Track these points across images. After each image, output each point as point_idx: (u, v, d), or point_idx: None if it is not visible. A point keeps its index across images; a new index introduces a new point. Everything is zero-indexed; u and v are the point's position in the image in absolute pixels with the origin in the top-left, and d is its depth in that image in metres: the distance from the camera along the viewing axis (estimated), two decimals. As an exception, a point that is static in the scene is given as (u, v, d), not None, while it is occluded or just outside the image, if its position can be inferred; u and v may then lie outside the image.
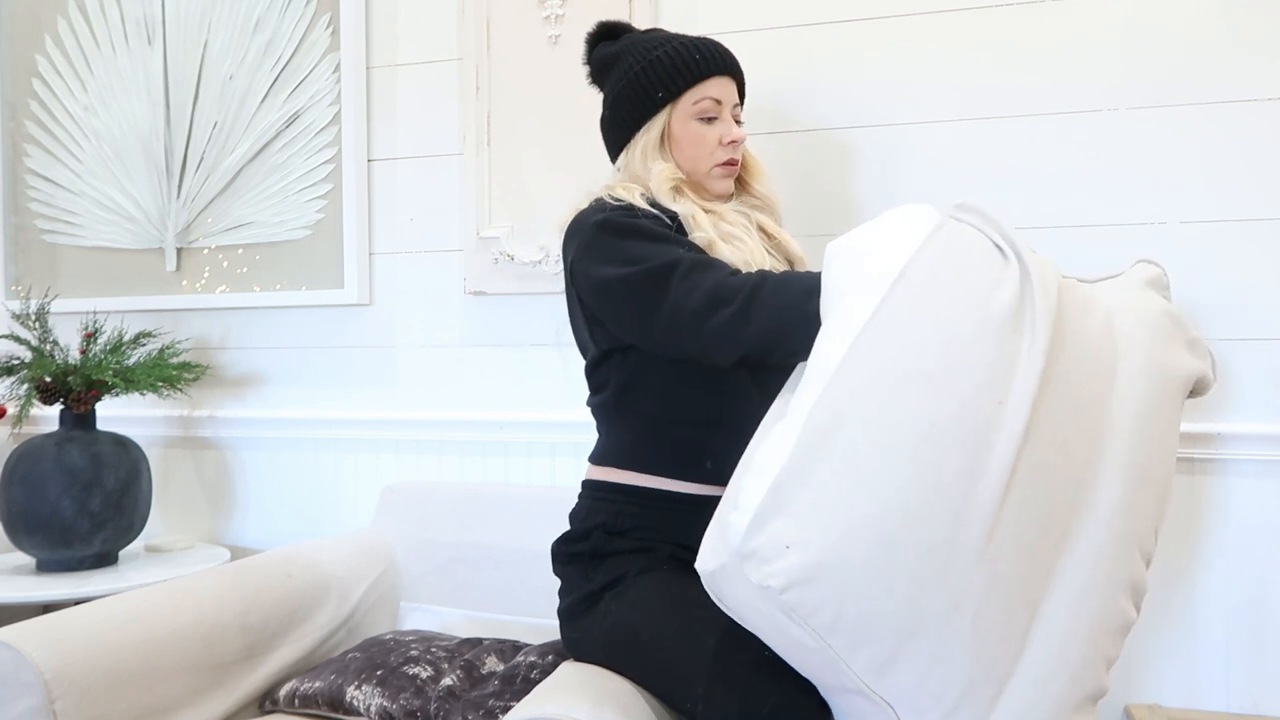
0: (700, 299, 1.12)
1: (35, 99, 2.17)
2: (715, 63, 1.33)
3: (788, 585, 0.89)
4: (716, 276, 1.13)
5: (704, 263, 1.16)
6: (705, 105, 1.32)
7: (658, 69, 1.32)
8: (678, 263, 1.15)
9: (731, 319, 1.09)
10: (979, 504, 0.88)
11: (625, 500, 1.27)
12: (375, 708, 1.35)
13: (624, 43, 1.38)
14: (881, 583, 0.88)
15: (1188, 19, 1.54)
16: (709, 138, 1.33)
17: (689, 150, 1.33)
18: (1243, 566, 1.52)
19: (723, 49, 1.35)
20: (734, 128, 1.35)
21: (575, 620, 1.26)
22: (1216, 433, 1.52)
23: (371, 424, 1.97)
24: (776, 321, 1.07)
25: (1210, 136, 1.53)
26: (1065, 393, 0.93)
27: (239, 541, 2.07)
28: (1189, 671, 1.54)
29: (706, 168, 1.34)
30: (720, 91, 1.33)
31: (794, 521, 0.90)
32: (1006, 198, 1.62)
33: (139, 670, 1.27)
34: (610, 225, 1.22)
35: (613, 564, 1.24)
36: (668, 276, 1.14)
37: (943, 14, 1.64)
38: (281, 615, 1.52)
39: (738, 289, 1.10)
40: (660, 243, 1.20)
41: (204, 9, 2.04)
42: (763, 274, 1.13)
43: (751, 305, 1.09)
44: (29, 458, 1.81)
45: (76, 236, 2.16)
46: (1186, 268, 1.54)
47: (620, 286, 1.19)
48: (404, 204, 1.96)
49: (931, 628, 0.89)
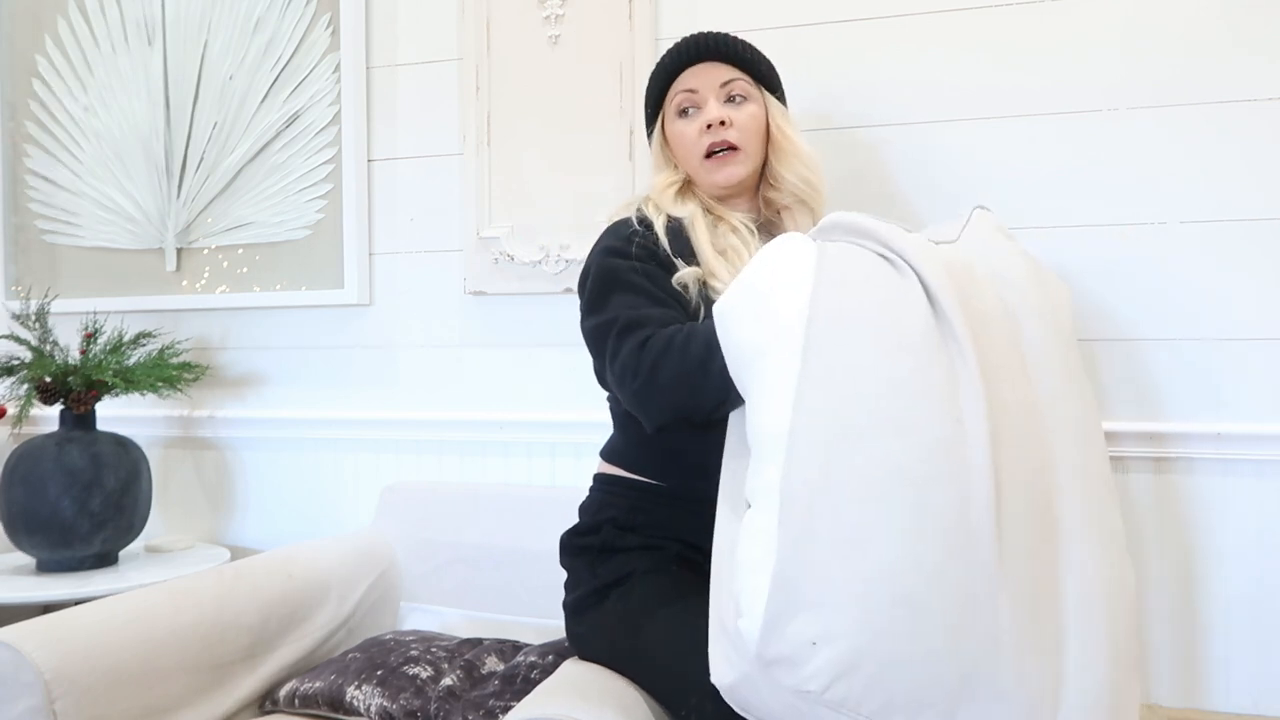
0: (618, 367, 1.12)
1: (35, 99, 2.17)
2: (685, 54, 1.31)
3: (829, 684, 0.85)
4: (631, 345, 1.11)
5: (633, 323, 1.14)
6: (679, 99, 1.32)
7: (653, 75, 1.37)
8: (613, 322, 1.15)
9: (639, 391, 1.10)
10: (979, 527, 0.86)
11: (638, 496, 1.27)
12: (375, 708, 1.35)
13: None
14: (919, 645, 0.85)
15: (1188, 19, 1.54)
16: (690, 130, 1.31)
17: (680, 150, 1.34)
18: (1243, 566, 1.52)
19: (704, 37, 1.32)
20: (711, 111, 1.29)
21: (580, 615, 1.26)
22: (1216, 433, 1.52)
23: (371, 424, 1.97)
24: (683, 387, 1.07)
25: (1210, 136, 1.53)
26: (999, 383, 0.93)
27: (239, 541, 2.07)
28: (1189, 671, 1.54)
29: (697, 162, 1.31)
30: (696, 81, 1.30)
31: (812, 613, 0.86)
32: (1006, 198, 1.62)
33: (139, 670, 1.27)
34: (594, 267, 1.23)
35: (621, 560, 1.23)
36: (605, 336, 1.15)
37: (942, 14, 1.64)
38: (281, 615, 1.52)
39: (643, 362, 1.09)
40: (621, 293, 1.18)
41: (204, 9, 2.04)
42: (670, 337, 1.10)
43: (654, 377, 1.08)
44: (29, 458, 1.81)
45: (76, 236, 2.16)
46: (1186, 268, 1.54)
47: (585, 335, 1.23)
48: (404, 204, 1.96)
49: (980, 668, 0.86)
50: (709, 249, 1.22)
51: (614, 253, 1.23)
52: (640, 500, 1.27)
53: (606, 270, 1.21)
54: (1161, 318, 1.56)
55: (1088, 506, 0.95)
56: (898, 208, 1.66)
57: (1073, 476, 0.94)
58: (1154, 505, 1.56)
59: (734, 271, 1.19)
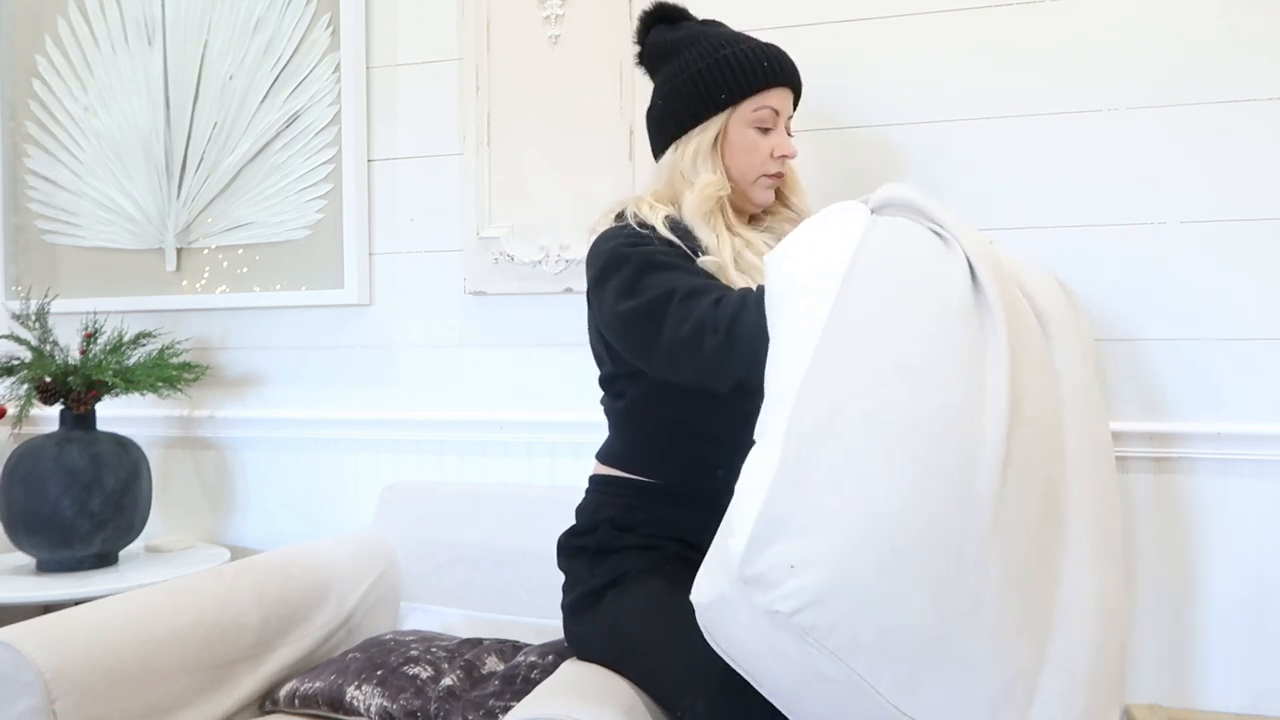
0: (690, 329, 1.11)
1: (35, 99, 2.17)
2: (781, 73, 1.32)
3: (799, 607, 0.84)
4: (705, 303, 1.11)
5: (698, 289, 1.14)
6: (764, 114, 1.31)
7: (724, 69, 1.29)
8: (673, 292, 1.14)
9: (718, 347, 1.08)
10: (981, 491, 0.86)
11: (635, 495, 1.27)
12: (375, 708, 1.35)
13: (686, 32, 1.35)
14: (898, 590, 0.84)
15: (1188, 19, 1.54)
16: (762, 147, 1.32)
17: (742, 157, 1.32)
18: (1243, 566, 1.52)
19: (787, 59, 1.34)
20: (788, 142, 1.34)
21: (578, 616, 1.26)
22: (1216, 433, 1.52)
23: (371, 424, 1.97)
24: (760, 342, 1.05)
25: (1210, 136, 1.53)
26: (1028, 369, 0.93)
27: (239, 541, 2.07)
28: (1189, 671, 1.54)
29: (754, 177, 1.33)
30: (780, 102, 1.32)
31: (796, 538, 0.86)
32: (1006, 198, 1.62)
33: (139, 670, 1.27)
34: (619, 257, 1.21)
35: (617, 560, 1.24)
36: (664, 308, 1.13)
37: (942, 14, 1.64)
38: (281, 615, 1.52)
39: (721, 316, 1.09)
40: (664, 271, 1.18)
41: (204, 9, 2.04)
42: (744, 294, 1.11)
43: (734, 330, 1.07)
44: (29, 458, 1.81)
45: (76, 236, 2.16)
46: (1186, 268, 1.54)
47: (623, 321, 1.19)
48: (404, 204, 1.96)
49: (955, 631, 0.85)
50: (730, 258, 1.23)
51: (637, 241, 1.22)
52: (637, 499, 1.27)
53: (638, 256, 1.20)
54: (1161, 318, 1.56)
55: (1096, 518, 0.95)
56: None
57: (1086, 484, 0.94)
58: (1154, 505, 1.56)
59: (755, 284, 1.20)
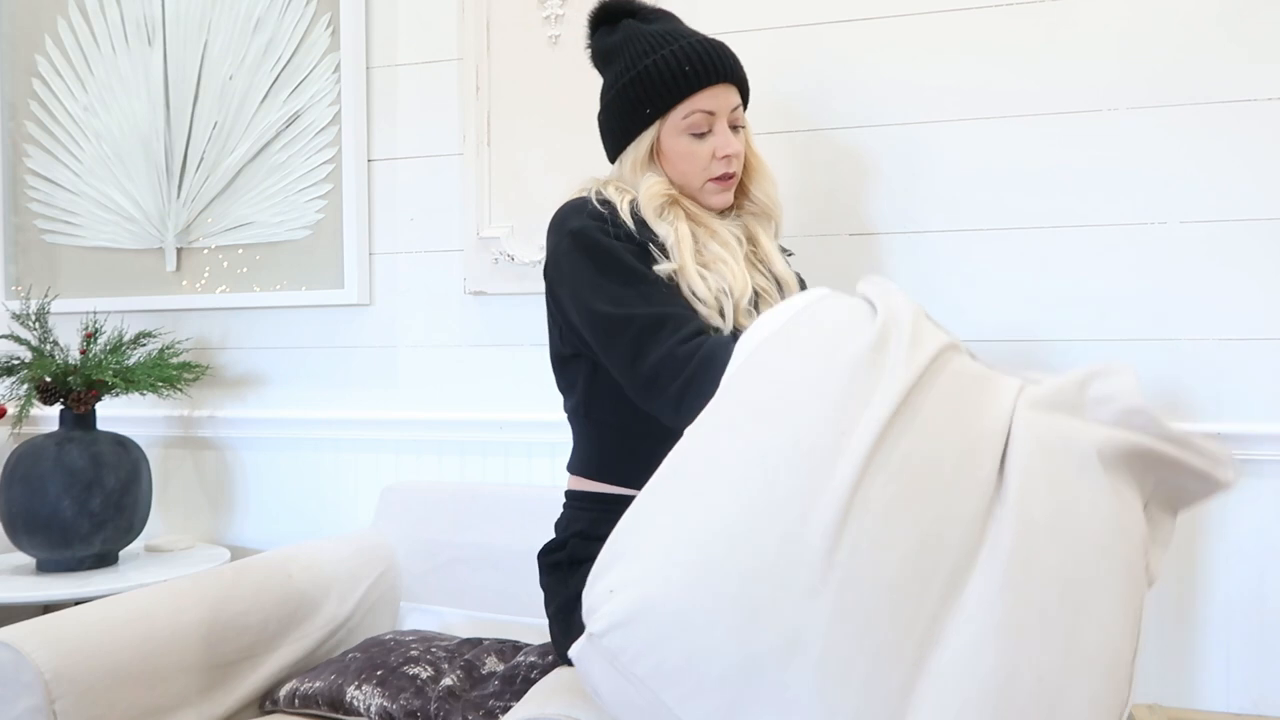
0: (648, 371, 1.11)
1: (35, 99, 2.17)
2: (707, 73, 1.25)
3: (608, 629, 0.81)
4: (666, 346, 1.10)
5: (658, 323, 1.12)
6: (696, 119, 1.26)
7: (645, 82, 1.26)
8: (631, 321, 1.13)
9: (674, 397, 1.09)
10: (815, 525, 0.80)
11: (601, 508, 1.26)
12: (375, 708, 1.35)
13: (620, 36, 1.32)
14: (705, 615, 0.79)
15: (1187, 19, 1.54)
16: (699, 152, 1.27)
17: (680, 165, 1.28)
18: (1243, 566, 1.52)
19: (718, 53, 1.28)
20: (729, 140, 1.27)
21: (560, 628, 1.27)
22: (1216, 433, 1.52)
23: (371, 424, 1.97)
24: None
25: (1210, 136, 1.53)
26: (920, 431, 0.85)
27: (239, 541, 2.07)
28: (1189, 671, 1.54)
29: (699, 183, 1.29)
30: (713, 102, 1.26)
31: (620, 565, 0.85)
32: (1006, 198, 1.62)
33: (139, 670, 1.27)
34: (583, 241, 1.20)
35: (588, 569, 1.23)
36: (621, 333, 1.14)
37: (942, 14, 1.64)
38: (281, 615, 1.52)
39: (678, 368, 1.08)
40: (627, 282, 1.16)
41: (204, 9, 2.04)
42: (709, 348, 1.08)
43: (689, 388, 1.07)
44: (29, 458, 1.81)
45: (76, 236, 2.16)
46: (1186, 268, 1.54)
47: (583, 318, 1.19)
48: (404, 204, 1.96)
49: (769, 669, 0.78)
50: (690, 262, 1.20)
51: (598, 230, 1.20)
52: (606, 511, 1.24)
53: (596, 249, 1.19)
54: (1161, 318, 1.56)
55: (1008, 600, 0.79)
56: (896, 208, 1.66)
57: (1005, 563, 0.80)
58: (1154, 505, 1.56)
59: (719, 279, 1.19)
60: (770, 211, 1.36)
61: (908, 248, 1.66)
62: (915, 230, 1.66)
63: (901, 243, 1.66)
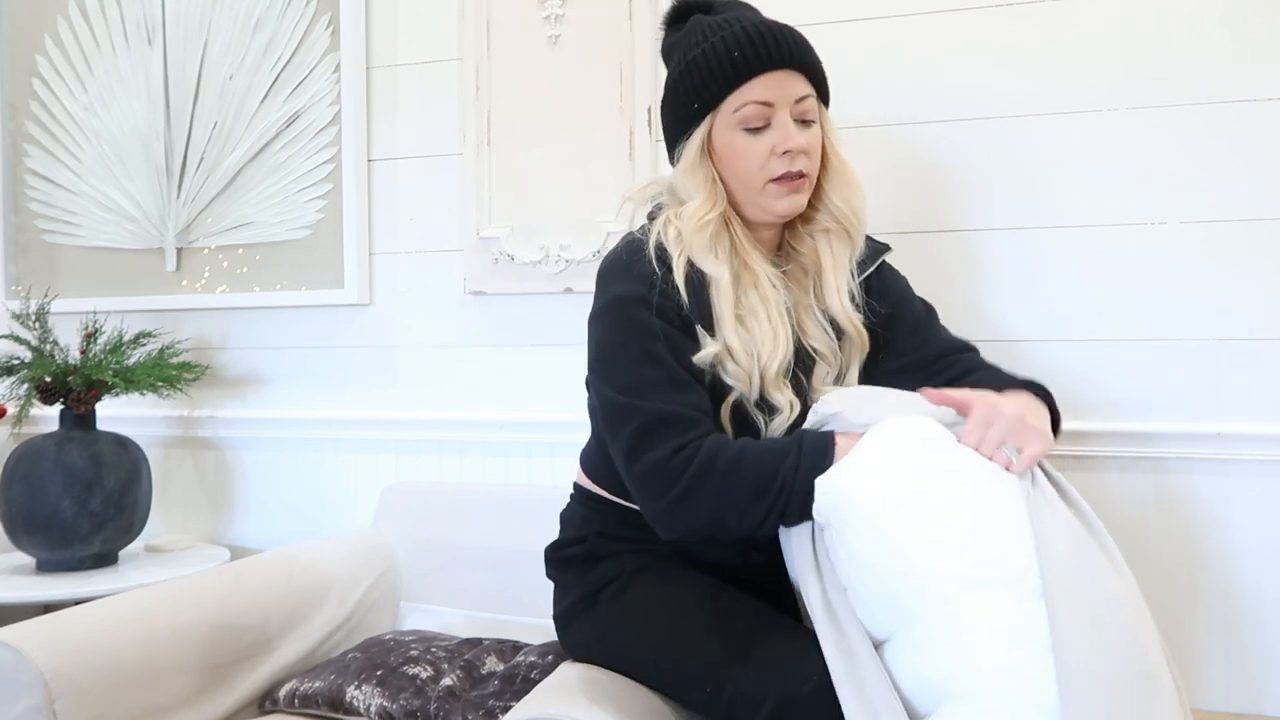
0: (640, 472, 1.06)
1: (35, 99, 2.17)
2: (759, 58, 1.10)
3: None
4: (664, 449, 1.04)
5: (661, 422, 1.05)
6: (750, 112, 1.12)
7: (692, 74, 1.14)
8: (635, 414, 1.06)
9: (672, 507, 1.04)
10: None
11: (621, 515, 1.25)
12: (375, 708, 1.35)
13: (683, 30, 1.20)
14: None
15: (1187, 19, 1.54)
16: (756, 150, 1.12)
17: (734, 165, 1.15)
18: (1243, 566, 1.52)
19: (776, 36, 1.12)
20: (790, 133, 1.12)
21: (572, 623, 1.26)
22: (1216, 433, 1.52)
23: (371, 424, 1.97)
24: (726, 510, 1.03)
25: (1210, 136, 1.53)
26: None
27: (239, 541, 2.07)
28: (1189, 671, 1.54)
29: (759, 185, 1.14)
30: (769, 91, 1.11)
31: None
32: (1006, 198, 1.62)
33: (139, 670, 1.27)
34: (618, 312, 1.12)
35: (609, 564, 1.23)
36: (623, 424, 1.08)
37: (942, 14, 1.64)
38: (281, 615, 1.52)
39: (669, 483, 1.03)
40: (645, 365, 1.08)
41: (204, 9, 2.04)
42: (711, 455, 1.03)
43: (694, 496, 1.03)
44: (29, 458, 1.81)
45: (76, 236, 2.16)
46: (1186, 268, 1.54)
47: (595, 390, 1.15)
48: (404, 204, 1.96)
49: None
50: (730, 317, 1.12)
51: (637, 301, 1.11)
52: (626, 517, 1.23)
53: (630, 324, 1.10)
54: (1161, 318, 1.56)
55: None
56: (896, 208, 1.66)
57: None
58: (1154, 505, 1.56)
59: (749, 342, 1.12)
60: (849, 226, 1.21)
61: (906, 248, 1.66)
62: (915, 230, 1.66)
63: (899, 242, 1.66)
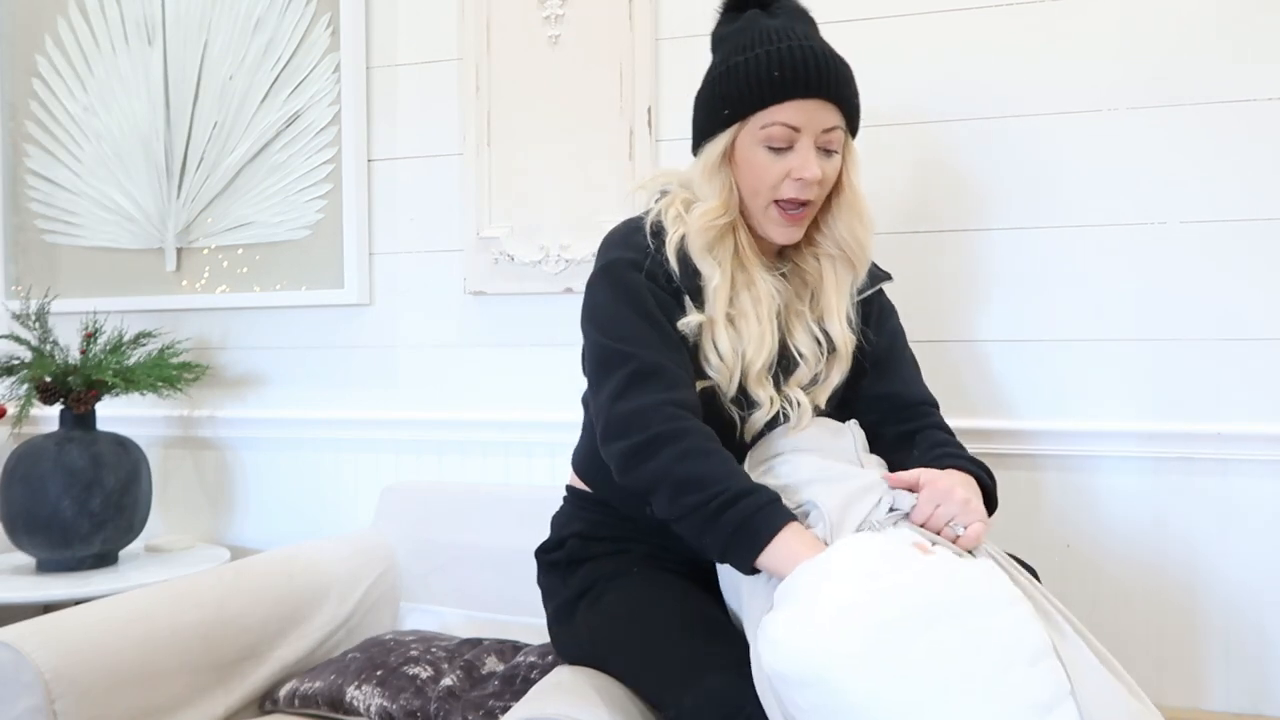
0: (622, 412, 1.07)
1: (35, 99, 2.17)
2: (797, 83, 1.11)
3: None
4: (651, 399, 1.06)
5: (654, 371, 1.08)
6: (775, 132, 1.13)
7: (729, 80, 1.15)
8: (629, 360, 1.09)
9: (628, 452, 1.06)
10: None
11: (601, 513, 1.27)
12: (375, 708, 1.35)
13: (734, 26, 1.19)
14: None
15: (1187, 20, 1.54)
16: (772, 170, 1.14)
17: (749, 177, 1.16)
18: (1243, 566, 1.52)
19: (821, 64, 1.13)
20: (809, 162, 1.13)
21: (558, 629, 1.28)
22: (1216, 433, 1.52)
23: (371, 424, 1.97)
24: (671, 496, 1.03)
25: (1210, 136, 1.53)
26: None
27: (239, 541, 2.07)
28: (1189, 671, 1.54)
29: (762, 203, 1.17)
30: (799, 117, 1.12)
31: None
32: (1005, 198, 1.62)
33: (139, 670, 1.27)
34: (612, 274, 1.16)
35: (588, 570, 1.24)
36: (616, 368, 1.09)
37: (942, 14, 1.64)
38: (281, 615, 1.52)
39: (647, 427, 1.05)
40: (638, 322, 1.12)
41: (204, 9, 2.04)
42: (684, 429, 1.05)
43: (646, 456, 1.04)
44: (29, 458, 1.81)
45: (76, 236, 2.16)
46: (1186, 268, 1.54)
47: (588, 344, 1.16)
48: (404, 204, 1.96)
49: None
50: (721, 314, 1.14)
51: (630, 265, 1.15)
52: (602, 517, 1.27)
53: (621, 284, 1.14)
54: (1161, 318, 1.56)
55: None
56: (896, 208, 1.66)
57: None
58: (1154, 505, 1.56)
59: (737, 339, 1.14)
60: (854, 257, 1.22)
61: (904, 247, 1.66)
62: (914, 230, 1.66)
63: (898, 242, 1.66)
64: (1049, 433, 1.60)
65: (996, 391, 1.63)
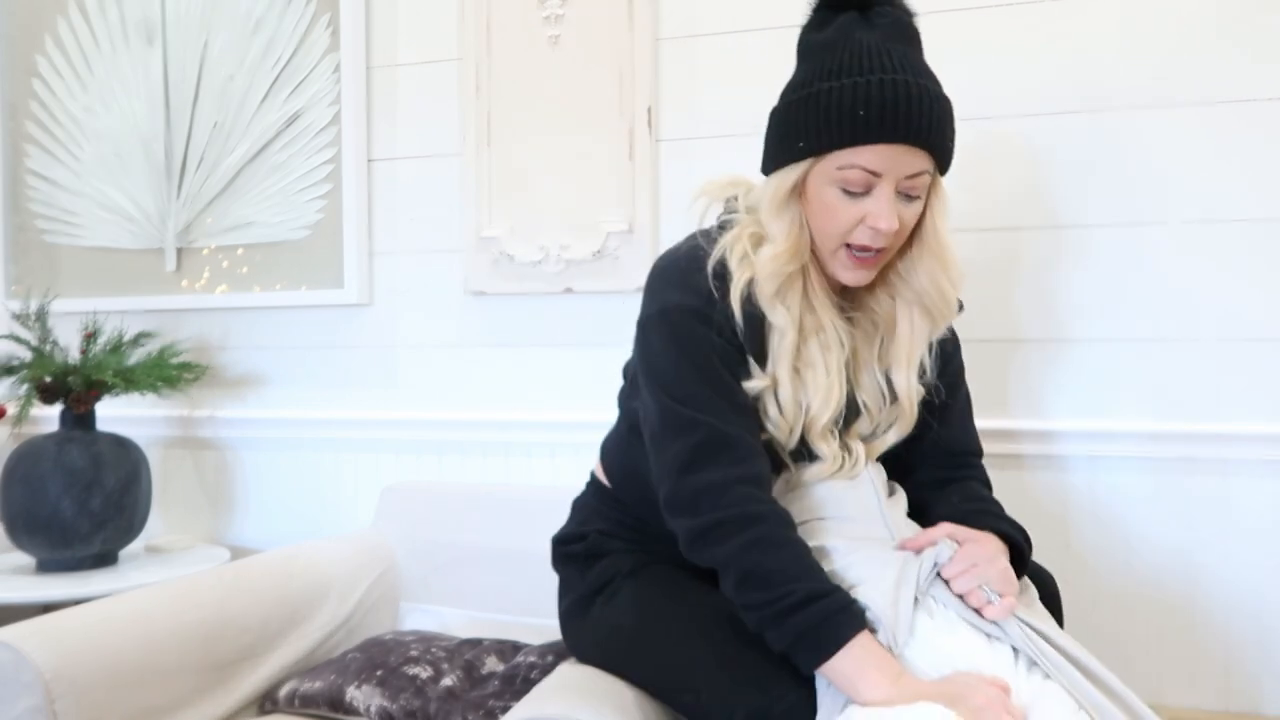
0: (692, 488, 1.03)
1: (35, 99, 2.17)
2: (884, 126, 1.00)
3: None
4: (722, 475, 1.02)
5: (724, 443, 1.03)
6: (852, 175, 1.02)
7: (809, 110, 1.03)
8: (697, 428, 1.03)
9: (698, 531, 1.02)
10: None
11: (624, 512, 1.26)
12: (375, 708, 1.35)
13: (826, 36, 1.06)
14: None
15: (1187, 19, 1.54)
16: (845, 214, 1.04)
17: (820, 217, 1.07)
18: (1243, 566, 1.52)
19: (918, 106, 1.00)
20: (885, 209, 1.02)
21: (571, 624, 1.27)
22: (1216, 433, 1.52)
23: (371, 424, 1.97)
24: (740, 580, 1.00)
25: (1210, 136, 1.53)
26: None
27: (239, 541, 2.07)
28: (1189, 671, 1.54)
29: (831, 247, 1.07)
30: (882, 163, 1.01)
31: None
32: (1005, 198, 1.62)
33: (139, 670, 1.27)
34: (674, 327, 1.07)
35: (606, 565, 1.23)
36: (683, 435, 1.04)
37: (942, 14, 1.64)
38: (281, 615, 1.52)
39: (718, 507, 1.01)
40: (705, 383, 1.05)
41: (204, 9, 2.04)
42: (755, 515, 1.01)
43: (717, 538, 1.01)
44: (29, 458, 1.81)
45: (76, 236, 2.16)
46: (1186, 268, 1.54)
47: (652, 400, 1.08)
48: (404, 204, 1.96)
49: None
50: (787, 365, 1.07)
51: (694, 314, 1.06)
52: (627, 516, 1.26)
53: (691, 337, 1.06)
54: (1162, 318, 1.56)
55: None
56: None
57: None
58: (1153, 505, 1.56)
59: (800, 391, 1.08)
60: (933, 308, 1.12)
61: (908, 248, 1.66)
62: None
63: (901, 243, 1.66)
64: (1049, 433, 1.60)
65: (994, 391, 1.63)
